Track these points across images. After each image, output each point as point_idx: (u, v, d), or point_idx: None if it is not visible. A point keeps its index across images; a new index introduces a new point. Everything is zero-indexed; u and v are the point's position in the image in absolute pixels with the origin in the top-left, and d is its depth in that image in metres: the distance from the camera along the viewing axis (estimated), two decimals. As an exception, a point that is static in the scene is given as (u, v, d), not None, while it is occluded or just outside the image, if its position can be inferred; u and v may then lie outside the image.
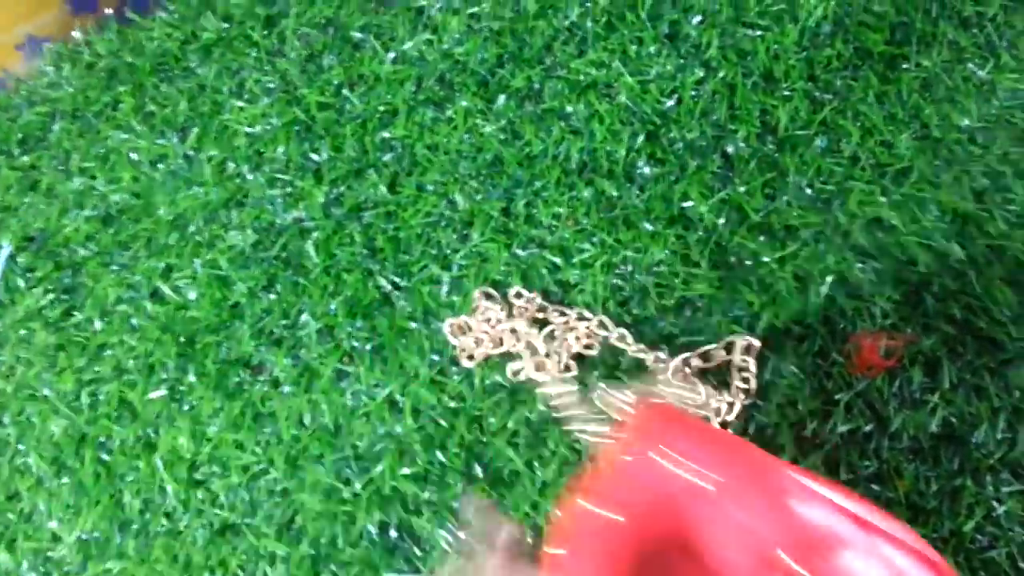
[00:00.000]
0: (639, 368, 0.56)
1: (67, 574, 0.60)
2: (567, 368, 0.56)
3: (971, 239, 0.56)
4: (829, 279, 0.56)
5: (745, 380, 0.54)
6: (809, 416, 0.53)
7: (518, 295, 0.59)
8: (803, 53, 0.62)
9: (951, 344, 0.54)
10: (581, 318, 0.57)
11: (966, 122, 0.59)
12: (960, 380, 0.53)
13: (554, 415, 0.55)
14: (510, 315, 0.59)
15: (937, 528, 0.50)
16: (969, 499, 0.50)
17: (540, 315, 0.58)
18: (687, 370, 0.54)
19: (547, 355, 0.56)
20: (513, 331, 0.58)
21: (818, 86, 0.62)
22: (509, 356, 0.58)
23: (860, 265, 0.56)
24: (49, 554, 0.61)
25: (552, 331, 0.57)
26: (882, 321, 0.55)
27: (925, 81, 0.61)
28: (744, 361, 0.54)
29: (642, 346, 0.56)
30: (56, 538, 0.61)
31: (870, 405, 0.53)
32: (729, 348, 0.55)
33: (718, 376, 0.55)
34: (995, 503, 0.50)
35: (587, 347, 0.57)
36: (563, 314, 0.57)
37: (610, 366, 0.57)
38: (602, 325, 0.56)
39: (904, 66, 0.61)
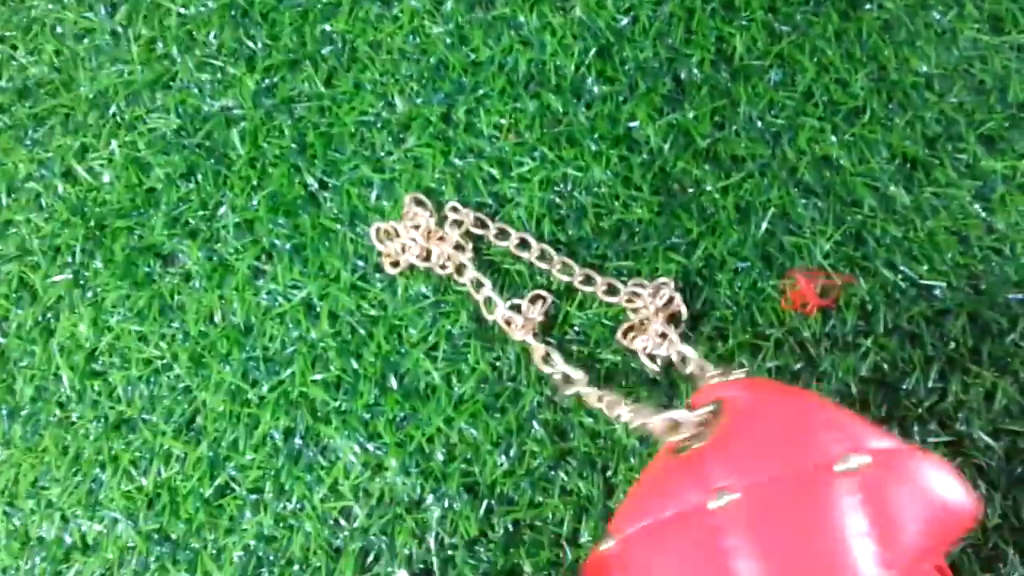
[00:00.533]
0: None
1: (-52, 458, 0.56)
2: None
3: (919, 185, 0.55)
4: (771, 212, 0.54)
5: (673, 317, 0.52)
6: (738, 349, 0.52)
7: (454, 209, 0.57)
8: (767, -18, 0.60)
9: (889, 290, 0.53)
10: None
11: (924, 68, 0.57)
12: (895, 327, 0.52)
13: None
14: (440, 225, 0.56)
15: (857, 471, 0.49)
16: (892, 445, 0.49)
17: (476, 231, 0.56)
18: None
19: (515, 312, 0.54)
20: (460, 266, 0.55)
21: (778, 18, 0.59)
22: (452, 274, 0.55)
23: (803, 201, 0.55)
24: (-69, 435, 0.57)
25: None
26: (821, 260, 0.53)
27: (887, 23, 0.59)
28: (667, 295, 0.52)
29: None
30: (-61, 419, 0.57)
31: (801, 344, 0.52)
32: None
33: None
34: (918, 451, 0.49)
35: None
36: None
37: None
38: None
39: (867, 6, 0.59)
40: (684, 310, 0.52)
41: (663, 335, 0.51)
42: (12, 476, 0.55)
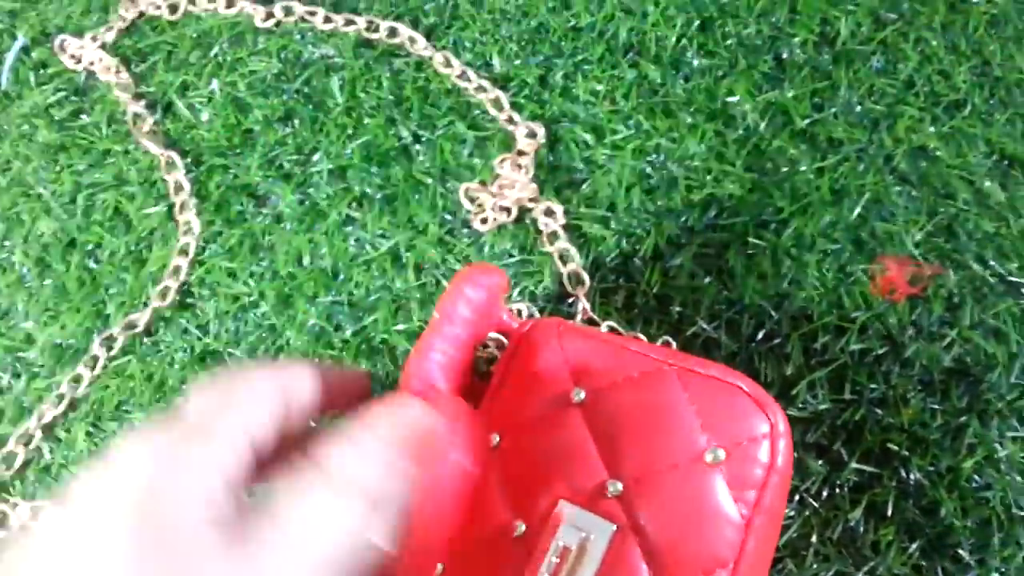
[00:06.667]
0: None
1: (36, 376, 0.58)
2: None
3: (1016, 183, 0.54)
4: (866, 197, 0.54)
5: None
6: (822, 330, 0.52)
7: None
8: (875, -31, 0.60)
9: (977, 284, 0.52)
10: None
11: (1030, 65, 0.57)
12: (980, 321, 0.52)
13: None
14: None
15: (935, 462, 0.49)
16: (972, 439, 0.49)
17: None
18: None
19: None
20: (552, 233, 0.55)
21: (884, 5, 0.59)
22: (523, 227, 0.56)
23: (898, 189, 0.54)
24: (20, 354, 0.59)
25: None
26: (912, 249, 0.53)
27: (994, 18, 0.58)
28: None
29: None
30: (30, 339, 0.59)
31: (886, 329, 0.52)
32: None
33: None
34: (997, 446, 0.49)
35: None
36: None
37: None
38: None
39: (975, 0, 0.59)
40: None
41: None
42: (99, 398, 0.57)
